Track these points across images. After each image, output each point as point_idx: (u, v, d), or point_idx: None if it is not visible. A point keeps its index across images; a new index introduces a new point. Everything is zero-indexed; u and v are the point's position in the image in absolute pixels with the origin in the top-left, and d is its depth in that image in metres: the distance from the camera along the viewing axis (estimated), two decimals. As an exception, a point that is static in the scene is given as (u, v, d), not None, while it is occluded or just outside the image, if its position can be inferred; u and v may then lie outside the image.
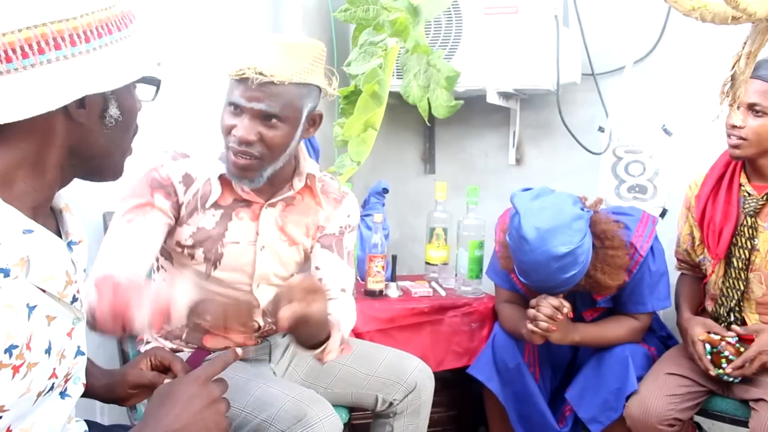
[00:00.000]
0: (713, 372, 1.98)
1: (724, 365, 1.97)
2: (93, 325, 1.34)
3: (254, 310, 1.39)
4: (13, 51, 0.86)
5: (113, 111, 0.98)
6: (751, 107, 1.94)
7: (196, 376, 1.06)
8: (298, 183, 1.73)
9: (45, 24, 0.88)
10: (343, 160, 0.88)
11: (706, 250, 2.14)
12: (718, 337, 2.00)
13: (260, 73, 1.53)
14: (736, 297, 2.05)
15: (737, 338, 2.00)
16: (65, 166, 0.97)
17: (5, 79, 0.87)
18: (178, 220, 1.67)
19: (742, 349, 1.97)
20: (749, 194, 2.05)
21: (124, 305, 1.36)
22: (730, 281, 2.05)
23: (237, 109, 1.58)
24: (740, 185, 2.08)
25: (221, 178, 1.67)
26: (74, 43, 0.90)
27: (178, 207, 1.66)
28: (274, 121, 1.57)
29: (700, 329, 2.04)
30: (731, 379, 1.98)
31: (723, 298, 2.08)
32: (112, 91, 0.96)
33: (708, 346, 2.01)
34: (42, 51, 0.88)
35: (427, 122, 0.98)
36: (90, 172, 1.02)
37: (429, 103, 0.79)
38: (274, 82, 1.54)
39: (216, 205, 1.68)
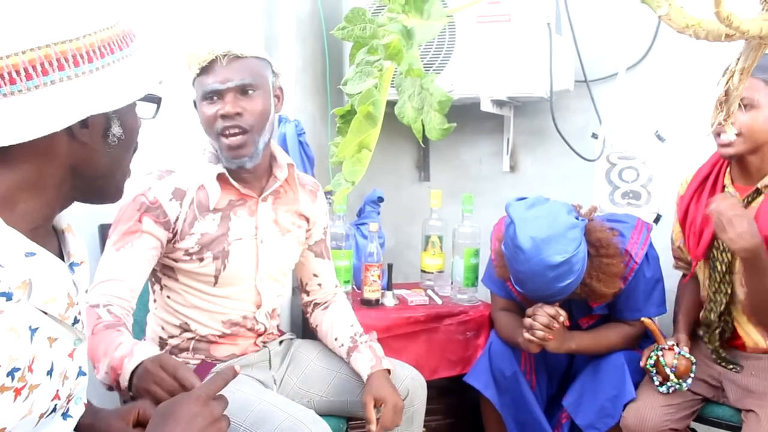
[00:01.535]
0: (662, 389, 1.99)
1: (670, 375, 1.97)
2: None
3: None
4: (17, 73, 0.86)
5: (116, 130, 0.98)
6: (741, 102, 1.92)
7: (197, 395, 1.05)
8: (281, 173, 1.82)
9: (48, 45, 0.88)
10: (339, 179, 0.88)
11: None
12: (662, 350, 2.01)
13: (227, 52, 1.67)
14: (723, 301, 2.02)
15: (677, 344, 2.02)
16: (66, 186, 0.97)
17: (9, 101, 0.87)
18: (174, 237, 1.70)
19: (682, 353, 1.98)
20: (731, 196, 2.03)
21: (94, 349, 1.44)
22: (716, 285, 2.03)
23: (215, 95, 1.69)
24: (724, 186, 2.06)
25: (219, 177, 1.74)
26: (77, 63, 0.90)
27: (170, 227, 1.69)
28: (250, 92, 1.69)
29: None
30: (683, 388, 1.99)
31: (711, 303, 2.06)
32: (115, 110, 0.96)
33: (652, 359, 2.01)
34: (46, 72, 0.88)
35: (422, 143, 0.98)
36: (91, 193, 1.02)
37: (423, 125, 0.79)
38: (239, 56, 1.68)
39: (213, 209, 1.74)
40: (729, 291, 2.01)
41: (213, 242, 1.73)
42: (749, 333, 2.03)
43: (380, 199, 2.70)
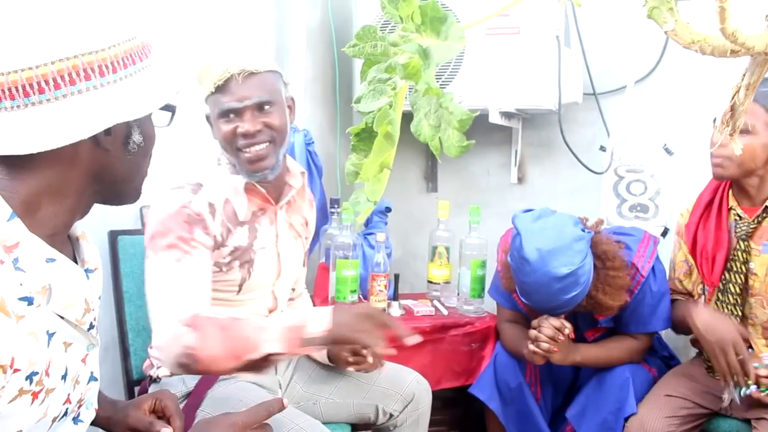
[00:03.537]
0: (732, 395, 1.93)
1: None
2: (195, 367, 1.41)
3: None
4: (46, 83, 0.89)
5: (136, 137, 1.02)
6: None
7: (232, 421, 1.06)
8: (296, 182, 1.85)
9: (76, 56, 0.91)
10: (358, 197, 0.89)
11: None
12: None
13: (242, 70, 1.66)
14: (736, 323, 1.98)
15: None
16: (87, 192, 0.99)
17: (37, 109, 0.89)
18: (214, 250, 1.70)
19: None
20: (740, 217, 2.02)
21: (237, 344, 1.40)
22: (729, 308, 2.01)
23: (232, 113, 1.68)
24: (730, 209, 2.05)
25: (246, 188, 1.75)
26: (103, 73, 0.93)
27: (213, 238, 1.69)
28: (268, 108, 1.69)
29: (736, 336, 1.90)
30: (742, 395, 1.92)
31: None
32: (136, 118, 0.98)
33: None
34: (73, 82, 0.91)
35: (439, 159, 0.99)
36: (111, 197, 1.05)
37: (440, 142, 0.80)
38: (253, 72, 1.67)
39: (242, 222, 1.75)
40: (740, 313, 2.00)
41: (242, 253, 1.74)
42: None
43: (388, 210, 2.71)
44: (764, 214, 1.98)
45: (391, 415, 1.90)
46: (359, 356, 1.79)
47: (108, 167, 0.99)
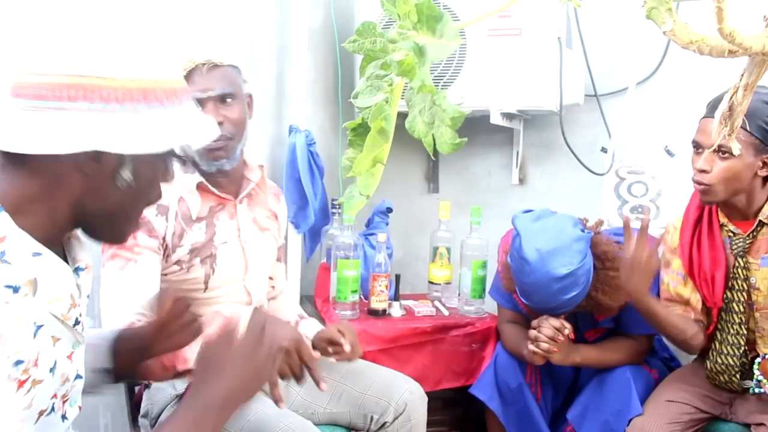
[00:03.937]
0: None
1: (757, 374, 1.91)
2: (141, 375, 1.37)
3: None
4: (49, 92, 0.92)
5: (126, 174, 0.99)
6: (719, 149, 1.86)
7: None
8: (254, 175, 1.87)
9: (85, 76, 0.93)
10: (352, 191, 0.90)
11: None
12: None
13: (207, 61, 1.70)
14: (742, 343, 1.97)
15: None
16: (72, 214, 1.00)
17: (39, 114, 0.92)
18: (166, 251, 1.72)
19: None
20: (734, 234, 1.99)
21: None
22: (734, 327, 1.98)
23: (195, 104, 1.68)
24: (722, 226, 2.01)
25: (198, 186, 1.77)
26: (106, 100, 0.94)
27: (162, 240, 1.71)
28: (229, 101, 1.74)
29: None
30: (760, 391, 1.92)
31: (729, 347, 1.99)
32: (133, 155, 0.98)
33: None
34: (74, 99, 0.92)
35: (432, 157, 1.00)
36: (91, 228, 1.05)
37: (434, 139, 0.81)
38: (217, 64, 1.73)
39: (198, 219, 1.77)
40: (746, 331, 1.97)
41: (202, 249, 1.76)
42: None
43: (389, 210, 2.71)
44: (759, 228, 1.95)
45: (383, 425, 1.89)
46: (336, 345, 1.81)
47: (92, 196, 0.99)
